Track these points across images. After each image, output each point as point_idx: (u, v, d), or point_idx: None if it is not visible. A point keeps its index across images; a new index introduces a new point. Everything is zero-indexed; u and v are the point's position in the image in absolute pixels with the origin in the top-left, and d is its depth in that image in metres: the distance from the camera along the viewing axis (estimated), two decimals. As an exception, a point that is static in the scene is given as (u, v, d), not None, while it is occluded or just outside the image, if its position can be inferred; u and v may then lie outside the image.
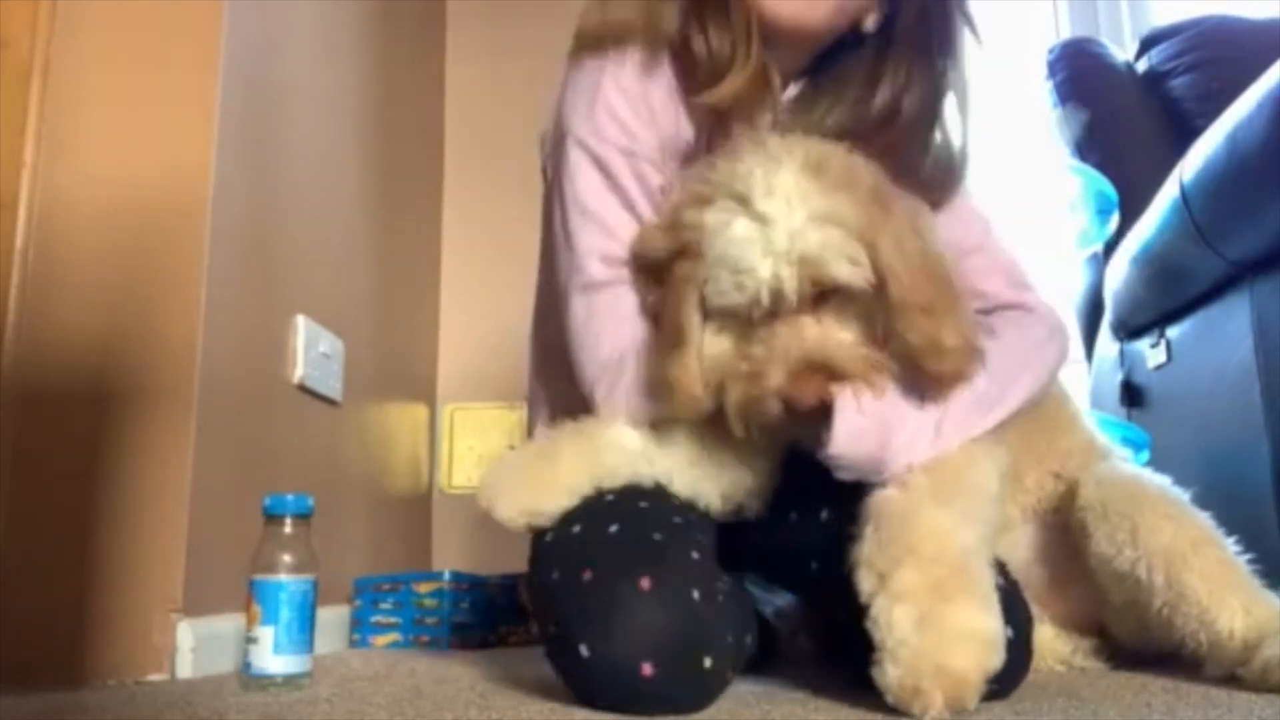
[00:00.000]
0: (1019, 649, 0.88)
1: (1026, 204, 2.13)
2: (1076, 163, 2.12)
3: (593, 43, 1.05)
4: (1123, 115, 2.24)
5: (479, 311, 2.24)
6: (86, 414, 1.20)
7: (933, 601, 0.80)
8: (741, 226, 0.88)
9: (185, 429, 1.20)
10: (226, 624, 1.21)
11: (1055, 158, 2.21)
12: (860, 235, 0.88)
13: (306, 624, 1.05)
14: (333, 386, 1.65)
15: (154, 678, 1.14)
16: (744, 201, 0.89)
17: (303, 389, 1.55)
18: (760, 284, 0.87)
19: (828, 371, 0.88)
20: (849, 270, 0.87)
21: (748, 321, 0.91)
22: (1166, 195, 1.65)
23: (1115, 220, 1.97)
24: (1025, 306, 1.05)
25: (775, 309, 0.89)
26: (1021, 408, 0.96)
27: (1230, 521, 1.04)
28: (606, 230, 1.00)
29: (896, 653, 0.79)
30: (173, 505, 1.18)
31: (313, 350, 1.56)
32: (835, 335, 0.90)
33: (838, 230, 0.87)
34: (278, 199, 1.50)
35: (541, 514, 0.95)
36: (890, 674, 0.80)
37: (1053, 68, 2.34)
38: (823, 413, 0.88)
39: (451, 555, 2.10)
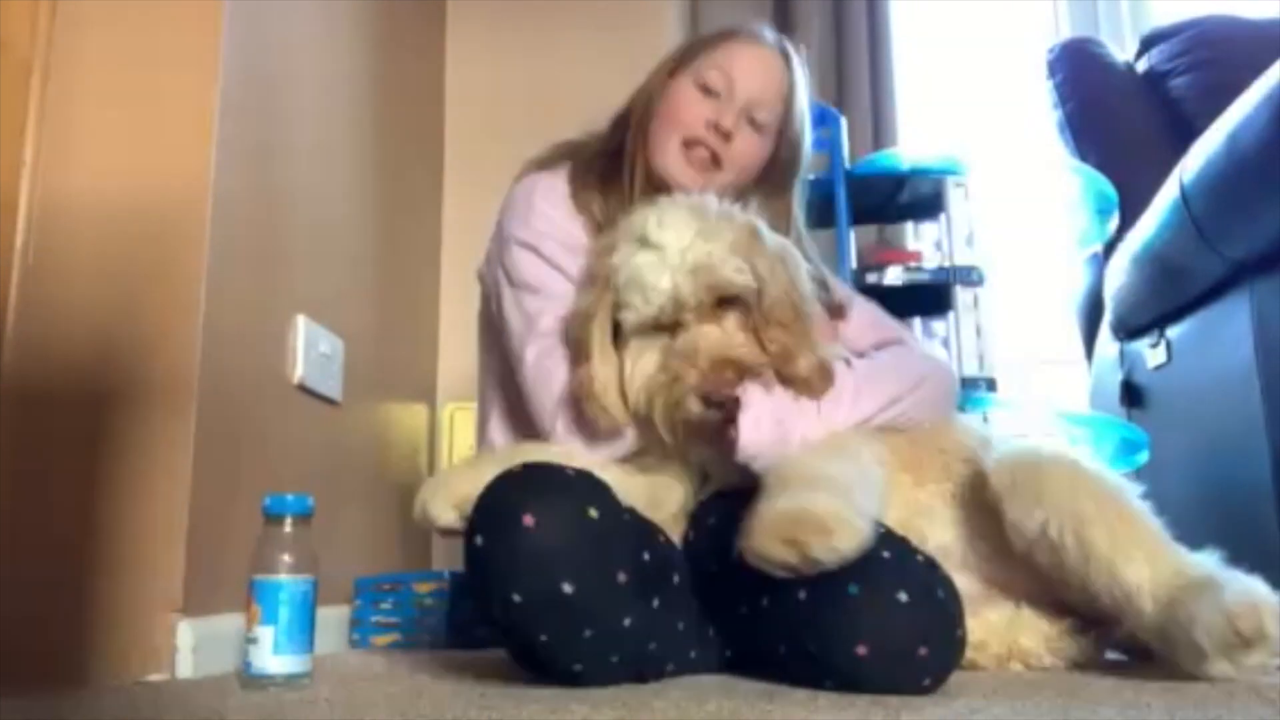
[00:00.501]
0: (947, 614, 0.95)
1: (1026, 204, 2.13)
2: (1076, 163, 2.12)
3: (530, 167, 1.32)
4: (1123, 115, 2.24)
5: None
6: (86, 414, 1.20)
7: (800, 489, 0.93)
8: (641, 255, 1.08)
9: (185, 429, 1.21)
10: (226, 624, 1.20)
11: (1055, 158, 2.21)
12: (740, 253, 1.08)
13: (306, 624, 1.05)
14: (333, 386, 1.65)
15: (154, 678, 1.14)
16: (642, 239, 1.09)
17: (303, 389, 1.55)
18: (662, 295, 1.06)
19: (733, 367, 1.05)
20: (736, 275, 1.07)
21: (664, 335, 1.08)
22: (1166, 195, 1.66)
23: (1115, 220, 1.97)
24: (900, 341, 1.30)
25: (680, 317, 1.07)
26: (897, 402, 1.14)
27: (1230, 521, 1.04)
28: (550, 296, 1.18)
29: (764, 515, 0.89)
30: (173, 505, 1.18)
31: (313, 350, 1.57)
32: (735, 337, 1.08)
33: (720, 245, 1.08)
34: (278, 199, 1.50)
35: (467, 501, 0.99)
36: (756, 530, 0.88)
37: (1053, 68, 2.34)
38: (730, 413, 1.04)
39: (451, 555, 2.10)
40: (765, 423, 1.05)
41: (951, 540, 1.12)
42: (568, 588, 0.90)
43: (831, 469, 0.99)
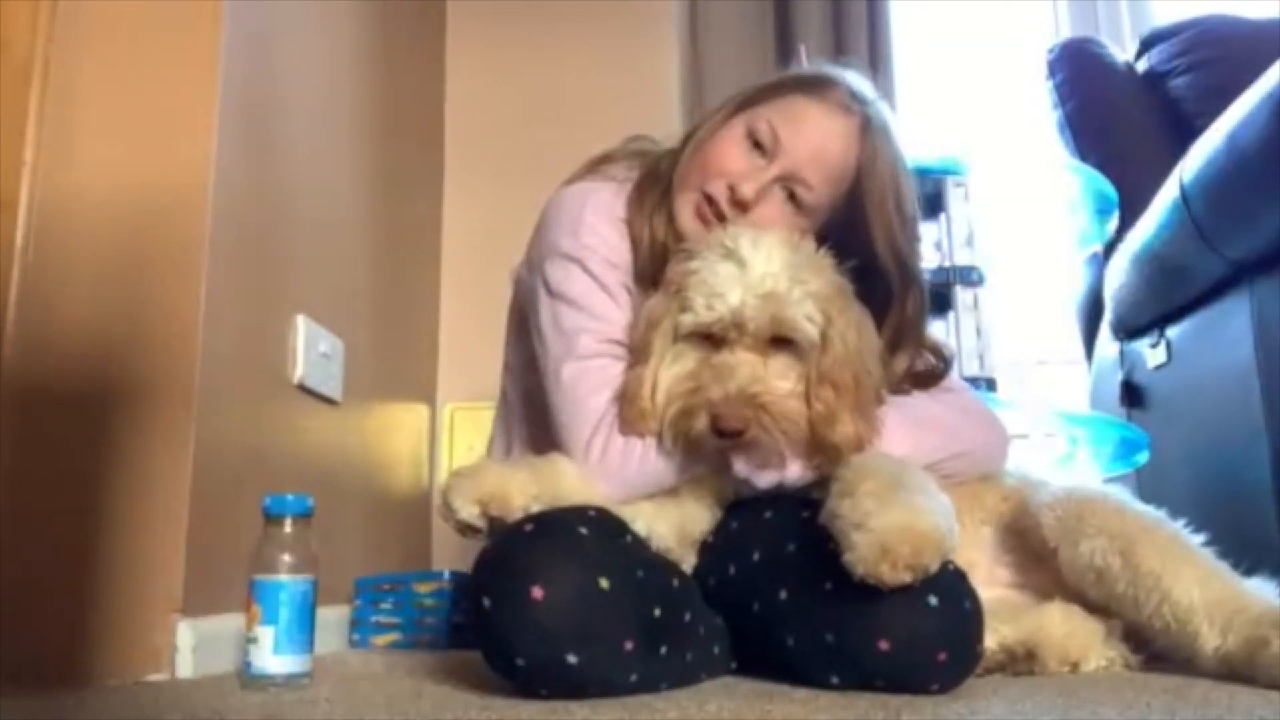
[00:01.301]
0: (971, 626, 0.95)
1: (1026, 204, 2.13)
2: (1076, 163, 2.12)
3: (577, 176, 1.24)
4: (1123, 115, 2.24)
5: (479, 311, 2.22)
6: (86, 414, 1.20)
7: (890, 490, 0.93)
8: (722, 265, 1.04)
9: (185, 429, 1.20)
10: (226, 624, 1.20)
11: (1055, 158, 2.21)
12: (820, 304, 1.04)
13: (306, 624, 1.05)
14: (333, 386, 1.65)
15: (154, 678, 1.14)
16: (729, 251, 1.05)
17: (303, 389, 1.55)
18: (728, 307, 1.02)
19: (755, 405, 1.00)
20: (805, 320, 1.03)
21: (710, 347, 1.04)
22: (1166, 195, 1.65)
23: (1115, 220, 1.97)
24: (945, 386, 1.21)
25: (733, 337, 1.03)
26: (946, 449, 1.12)
27: (1230, 521, 1.04)
28: (593, 315, 1.13)
29: (864, 524, 0.89)
30: (173, 505, 1.18)
31: (313, 350, 1.56)
32: (774, 381, 1.03)
33: (803, 288, 1.03)
34: (278, 198, 1.50)
35: (493, 501, 0.98)
36: (859, 543, 0.89)
37: (1053, 68, 2.34)
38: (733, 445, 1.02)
39: (451, 555, 2.10)
40: (766, 473, 1.06)
41: (978, 557, 1.13)
42: (573, 659, 0.90)
43: (912, 473, 0.99)
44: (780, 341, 1.04)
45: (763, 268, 1.03)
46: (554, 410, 1.11)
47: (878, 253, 1.15)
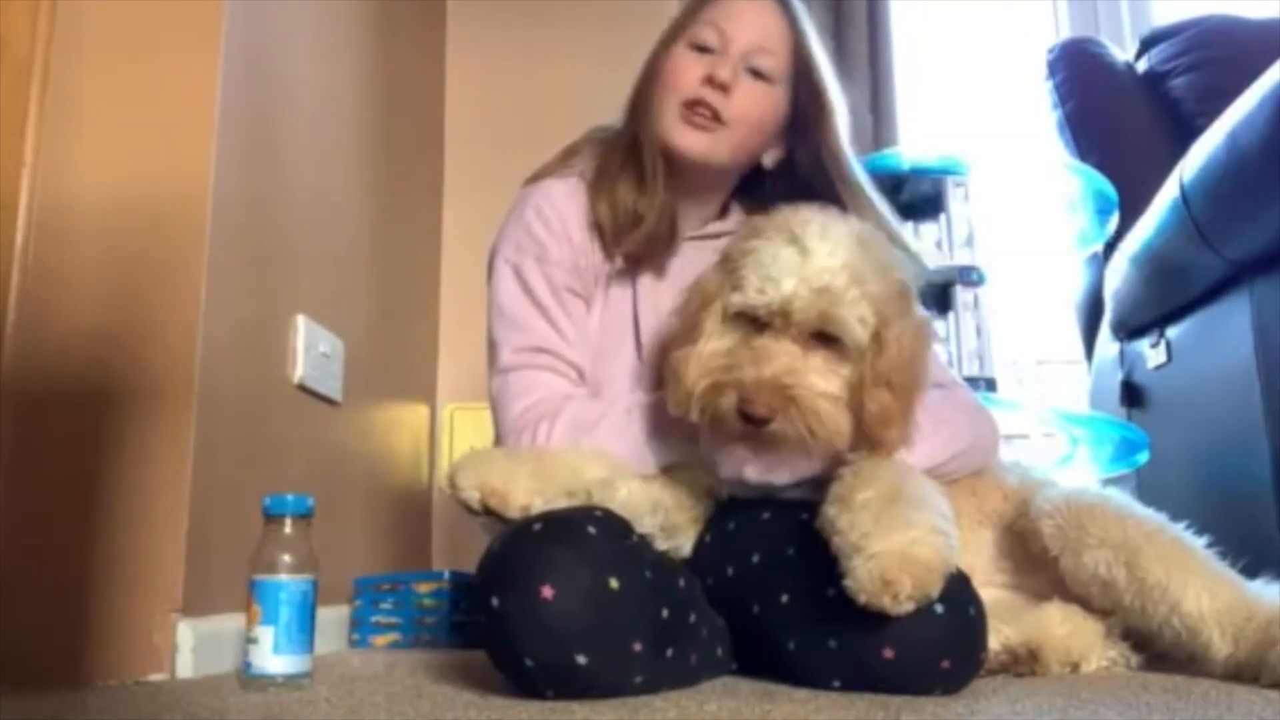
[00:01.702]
0: (974, 633, 0.95)
1: (1026, 204, 2.13)
2: (1076, 163, 2.12)
3: (531, 179, 1.26)
4: (1123, 115, 2.24)
5: (479, 311, 2.21)
6: (86, 414, 1.20)
7: (889, 504, 0.91)
8: (785, 249, 1.00)
9: (185, 429, 1.20)
10: (226, 624, 1.20)
11: (1055, 158, 2.21)
12: (876, 307, 1.00)
13: (306, 624, 1.05)
14: (333, 386, 1.65)
15: (154, 678, 1.14)
16: (794, 237, 1.01)
17: (303, 389, 1.55)
18: (779, 293, 0.98)
19: (785, 398, 0.97)
20: (856, 322, 0.99)
21: (755, 331, 1.01)
22: (1166, 195, 1.65)
23: (1115, 220, 1.97)
24: (947, 386, 1.20)
25: (780, 324, 0.99)
26: (941, 464, 1.09)
27: (1230, 521, 1.04)
28: (515, 326, 1.17)
29: (863, 547, 0.88)
30: (173, 505, 1.18)
31: (313, 350, 1.56)
32: (811, 377, 0.99)
33: (861, 289, 0.99)
34: (278, 199, 1.50)
35: (494, 496, 0.99)
36: (859, 572, 0.87)
37: (1053, 68, 2.34)
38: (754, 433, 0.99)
39: (451, 555, 2.10)
40: (779, 472, 1.03)
41: (975, 560, 1.11)
42: (581, 659, 0.89)
43: (909, 484, 0.97)
44: (825, 338, 1.00)
45: (824, 260, 0.99)
46: (491, 409, 1.18)
47: (826, 138, 1.23)
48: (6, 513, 1.17)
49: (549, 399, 1.13)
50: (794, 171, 1.26)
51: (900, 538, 0.88)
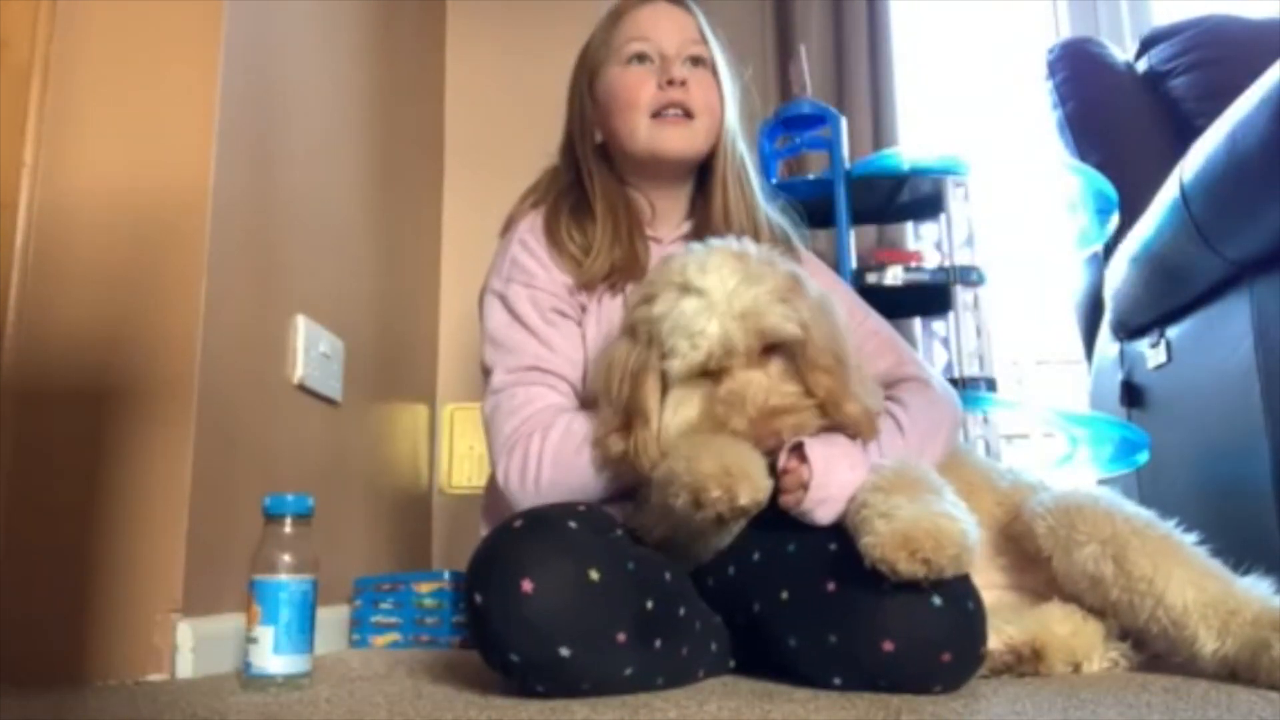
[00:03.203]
0: (974, 627, 0.95)
1: (1026, 204, 2.13)
2: (1076, 163, 2.12)
3: (505, 225, 1.31)
4: (1123, 115, 2.24)
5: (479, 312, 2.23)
6: (87, 414, 1.20)
7: (926, 493, 0.95)
8: (685, 301, 1.04)
9: (185, 429, 1.20)
10: (226, 624, 1.20)
11: (1055, 158, 2.21)
12: (784, 300, 1.04)
13: (306, 624, 1.05)
14: (333, 386, 1.65)
15: (154, 678, 1.14)
16: (684, 285, 1.05)
17: (303, 389, 1.55)
18: (711, 340, 1.01)
19: (780, 415, 1.01)
20: (784, 321, 1.03)
21: (705, 383, 1.04)
22: (1166, 195, 1.65)
23: (1115, 220, 1.97)
24: (919, 379, 1.22)
25: (727, 364, 1.02)
26: (938, 460, 1.11)
27: (1230, 521, 1.04)
28: (507, 349, 1.19)
29: (892, 514, 0.91)
30: (173, 505, 1.18)
31: (313, 350, 1.56)
32: (781, 386, 1.03)
33: (764, 290, 1.04)
34: (278, 199, 1.50)
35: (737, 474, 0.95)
36: (882, 530, 0.89)
37: (1053, 68, 2.34)
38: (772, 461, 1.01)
39: (451, 555, 2.10)
40: (839, 463, 1.01)
41: (986, 553, 1.12)
42: (565, 651, 0.90)
43: (932, 476, 1.01)
44: (769, 348, 1.04)
45: (721, 288, 1.03)
46: (484, 431, 1.19)
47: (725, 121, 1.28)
48: (7, 512, 1.17)
49: (541, 412, 1.13)
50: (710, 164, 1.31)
51: (931, 511, 0.91)
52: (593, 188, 1.27)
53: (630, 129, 1.25)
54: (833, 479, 1.00)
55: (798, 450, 1.02)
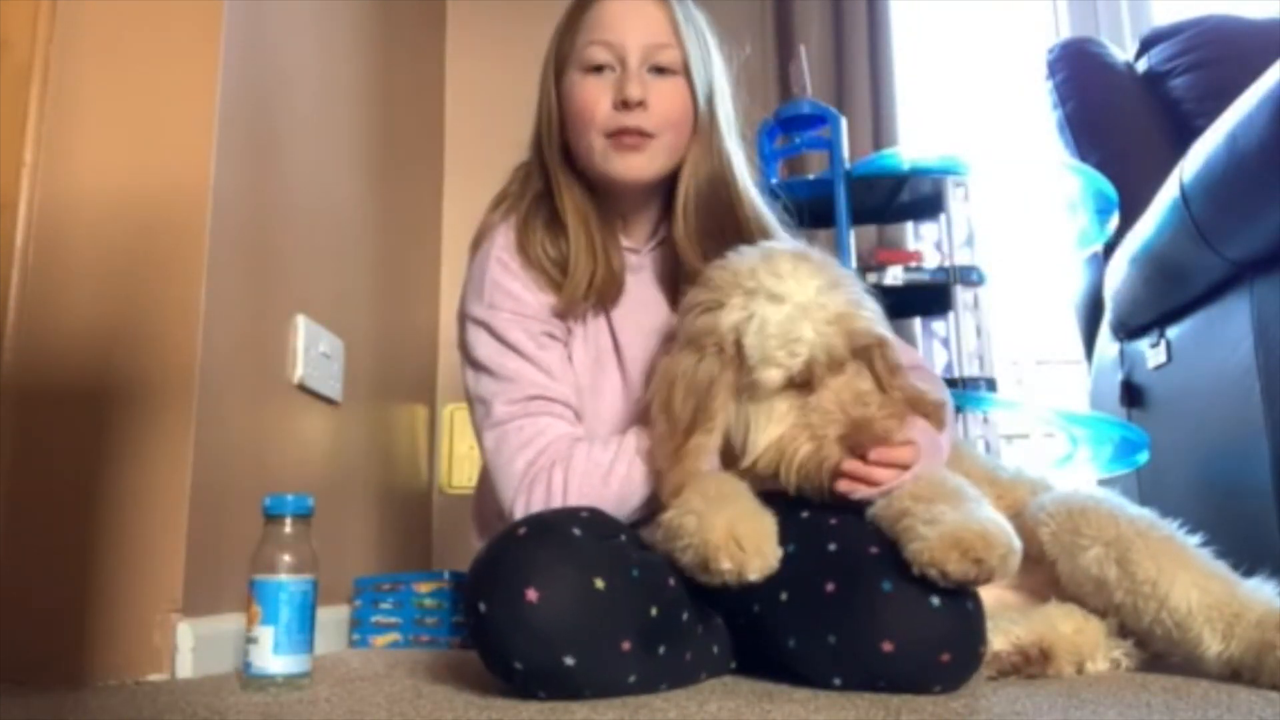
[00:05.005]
0: (973, 626, 0.95)
1: (1026, 204, 2.13)
2: (1076, 163, 2.12)
3: (485, 224, 1.25)
4: (1123, 115, 2.24)
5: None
6: (87, 413, 1.20)
7: (965, 502, 0.96)
8: (770, 309, 1.01)
9: (185, 429, 1.20)
10: (226, 624, 1.20)
11: (1055, 158, 2.21)
12: (860, 301, 1.04)
13: (306, 624, 1.05)
14: (333, 386, 1.65)
15: (154, 678, 1.14)
16: (758, 292, 1.02)
17: (303, 389, 1.55)
18: (810, 346, 1.00)
19: (872, 419, 1.00)
20: (872, 323, 1.02)
21: (794, 393, 1.02)
22: (1166, 195, 1.65)
23: (1115, 220, 1.97)
24: (922, 366, 1.23)
25: (820, 371, 1.01)
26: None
27: (1230, 521, 1.04)
28: (504, 379, 1.15)
29: (938, 520, 0.91)
30: (173, 505, 1.18)
31: (313, 350, 1.56)
32: (869, 391, 1.03)
33: (847, 294, 1.03)
34: (278, 199, 1.50)
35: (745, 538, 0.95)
36: (929, 535, 0.91)
37: (1053, 68, 2.34)
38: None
39: (451, 555, 2.10)
40: (936, 457, 1.05)
41: None
42: (569, 660, 0.90)
43: (968, 485, 1.02)
44: (854, 352, 1.03)
45: (804, 293, 1.01)
46: (487, 468, 1.16)
47: (716, 131, 1.21)
48: (7, 512, 1.17)
49: (554, 444, 1.11)
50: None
51: (975, 518, 0.92)
52: (562, 201, 1.21)
53: (586, 146, 1.19)
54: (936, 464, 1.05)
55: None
